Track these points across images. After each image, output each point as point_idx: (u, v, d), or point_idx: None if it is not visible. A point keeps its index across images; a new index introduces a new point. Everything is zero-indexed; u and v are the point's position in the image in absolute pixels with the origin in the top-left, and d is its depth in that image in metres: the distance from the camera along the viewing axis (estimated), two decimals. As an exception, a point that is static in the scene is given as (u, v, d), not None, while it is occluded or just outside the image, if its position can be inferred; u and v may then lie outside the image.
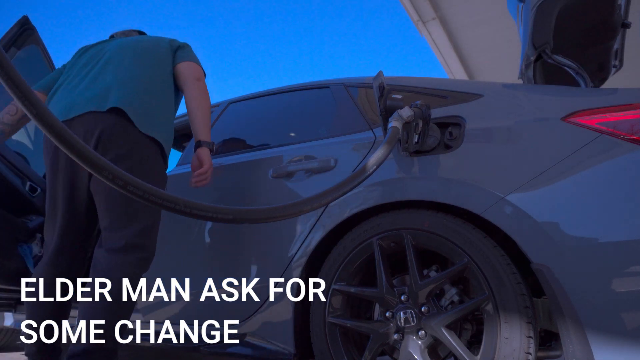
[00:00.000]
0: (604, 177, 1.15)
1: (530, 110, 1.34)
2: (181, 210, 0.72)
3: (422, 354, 1.27)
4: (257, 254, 1.66)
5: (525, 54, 1.79)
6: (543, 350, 1.37)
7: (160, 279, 1.77)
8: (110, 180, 0.67)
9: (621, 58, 1.94)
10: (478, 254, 1.23)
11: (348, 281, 1.43)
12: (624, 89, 1.27)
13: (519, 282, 1.19)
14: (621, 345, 1.04)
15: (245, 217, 0.77)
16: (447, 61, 5.64)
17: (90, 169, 0.66)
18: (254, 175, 1.73)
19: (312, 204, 0.84)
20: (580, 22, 1.76)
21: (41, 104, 0.63)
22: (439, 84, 1.58)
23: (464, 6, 4.66)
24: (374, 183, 1.43)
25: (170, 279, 1.75)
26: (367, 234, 1.41)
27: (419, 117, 1.30)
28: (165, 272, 1.77)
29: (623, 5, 1.76)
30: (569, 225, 1.14)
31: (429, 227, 1.32)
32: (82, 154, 0.65)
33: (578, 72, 1.68)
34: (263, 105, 2.07)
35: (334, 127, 1.72)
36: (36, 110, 0.63)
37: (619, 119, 1.17)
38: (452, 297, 1.32)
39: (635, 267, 1.06)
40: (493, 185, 1.24)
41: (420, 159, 1.39)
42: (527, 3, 1.76)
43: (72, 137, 0.65)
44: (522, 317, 1.16)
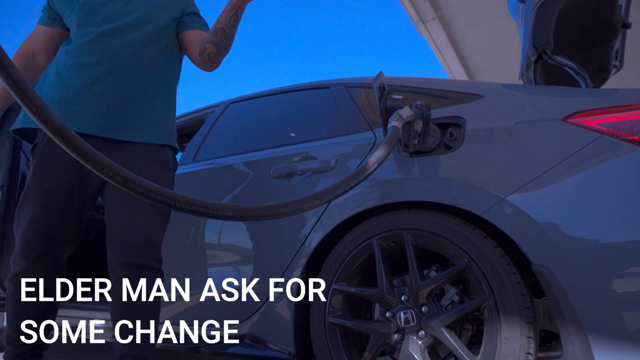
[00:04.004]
0: (605, 177, 1.15)
1: (530, 111, 1.34)
2: (182, 208, 0.72)
3: (422, 354, 1.27)
4: (257, 254, 1.65)
5: (525, 55, 1.79)
6: (543, 351, 1.37)
7: (160, 279, 1.77)
8: (111, 177, 0.67)
9: (621, 58, 1.94)
10: (478, 254, 1.23)
11: (348, 281, 1.43)
12: (624, 89, 1.27)
13: (519, 283, 1.19)
14: (621, 346, 1.04)
15: (245, 214, 0.77)
16: (447, 61, 5.65)
17: (91, 167, 0.66)
18: (254, 176, 1.73)
19: (313, 202, 0.83)
20: (580, 23, 1.76)
21: (41, 102, 0.63)
22: (439, 84, 1.58)
23: (464, 6, 4.66)
24: (374, 183, 1.43)
25: (171, 279, 1.75)
26: (367, 234, 1.41)
27: (419, 117, 1.30)
28: (165, 272, 1.77)
29: (623, 6, 1.76)
30: (569, 226, 1.14)
31: (429, 227, 1.32)
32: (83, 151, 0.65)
33: (578, 72, 1.68)
34: (263, 105, 2.07)
35: (334, 128, 1.72)
36: (36, 108, 0.63)
37: (619, 119, 1.17)
38: (453, 297, 1.32)
39: (635, 267, 1.06)
40: (493, 186, 1.24)
41: (420, 159, 1.39)
42: (527, 3, 1.76)
43: (72, 135, 0.65)
44: (522, 318, 1.16)
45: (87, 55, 1.39)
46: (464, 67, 5.75)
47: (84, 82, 1.38)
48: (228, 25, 1.38)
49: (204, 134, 2.09)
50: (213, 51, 1.44)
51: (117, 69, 1.39)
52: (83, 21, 1.43)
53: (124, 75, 1.40)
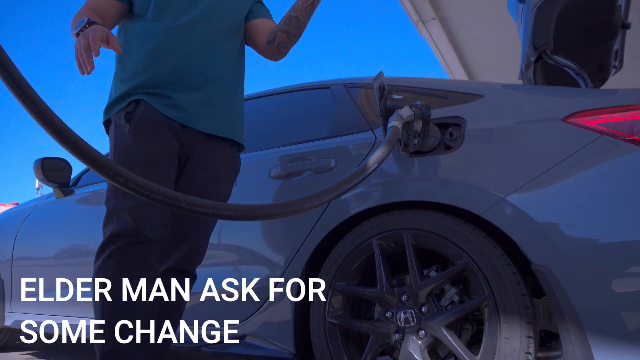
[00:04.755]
0: (604, 177, 1.15)
1: (530, 111, 1.34)
2: (182, 207, 0.72)
3: (422, 354, 1.27)
4: (257, 254, 1.66)
5: (525, 55, 1.79)
6: (543, 351, 1.37)
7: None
8: (111, 177, 0.67)
9: (621, 59, 1.94)
10: (478, 254, 1.24)
11: (348, 281, 1.43)
12: (624, 89, 1.27)
13: (519, 282, 1.19)
14: (621, 346, 1.04)
15: (245, 214, 0.77)
16: (447, 61, 5.65)
17: (92, 167, 0.66)
18: (253, 176, 1.73)
19: (313, 202, 0.84)
20: (580, 23, 1.76)
21: (42, 102, 0.63)
22: (439, 84, 1.58)
23: (464, 6, 4.66)
24: (374, 183, 1.43)
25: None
26: (367, 234, 1.41)
27: (419, 117, 1.30)
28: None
29: (623, 6, 1.76)
30: (569, 225, 1.14)
31: (429, 227, 1.32)
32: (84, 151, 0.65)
33: (578, 72, 1.68)
34: (263, 105, 2.07)
35: (334, 128, 1.72)
36: (36, 108, 0.63)
37: (619, 119, 1.18)
38: (452, 297, 1.32)
39: (635, 267, 1.06)
40: (493, 186, 1.24)
41: (420, 159, 1.39)
42: (527, 4, 1.76)
43: (74, 135, 0.65)
44: (522, 317, 1.16)
45: (167, 46, 1.32)
46: (464, 67, 5.75)
47: (165, 70, 1.31)
48: (303, 15, 1.34)
49: None
50: (283, 40, 1.40)
51: (198, 62, 1.33)
52: (158, 13, 1.35)
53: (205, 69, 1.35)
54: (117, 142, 1.28)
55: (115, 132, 1.29)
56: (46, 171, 2.38)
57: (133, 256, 1.19)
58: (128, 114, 1.26)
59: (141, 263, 1.20)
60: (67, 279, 2.12)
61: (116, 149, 1.28)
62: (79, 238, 2.26)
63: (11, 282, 2.54)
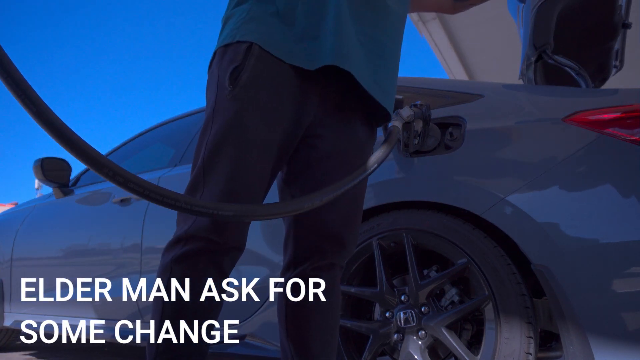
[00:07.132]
0: (605, 177, 1.15)
1: (530, 111, 1.34)
2: (182, 207, 0.72)
3: (422, 354, 1.27)
4: (257, 254, 1.65)
5: (525, 55, 1.79)
6: (543, 351, 1.37)
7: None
8: (111, 177, 0.67)
9: (622, 58, 1.94)
10: (478, 254, 1.24)
11: (348, 281, 1.43)
12: (624, 89, 1.27)
13: (519, 283, 1.19)
14: (621, 346, 1.04)
15: (245, 214, 0.77)
16: (447, 61, 5.64)
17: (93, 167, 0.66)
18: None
19: (313, 202, 0.83)
20: (580, 23, 1.76)
21: (42, 102, 0.63)
22: (439, 84, 1.58)
23: (464, 6, 4.65)
24: (374, 183, 1.43)
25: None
26: (367, 234, 1.41)
27: (419, 117, 1.30)
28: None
29: (624, 6, 1.76)
30: (569, 226, 1.14)
31: (429, 228, 1.32)
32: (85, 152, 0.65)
33: (579, 72, 1.68)
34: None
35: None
36: (36, 108, 0.63)
37: (619, 119, 1.18)
38: (452, 297, 1.32)
39: (635, 268, 1.06)
40: (493, 186, 1.24)
41: (420, 159, 1.39)
42: (527, 3, 1.76)
43: (74, 135, 0.65)
44: (522, 318, 1.16)
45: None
46: (464, 67, 5.75)
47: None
48: None
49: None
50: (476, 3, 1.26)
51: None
52: None
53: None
54: None
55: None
56: (46, 171, 2.38)
57: (205, 261, 1.03)
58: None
59: (212, 269, 1.05)
60: (67, 279, 2.12)
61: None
62: (78, 238, 2.25)
63: (11, 282, 2.54)
